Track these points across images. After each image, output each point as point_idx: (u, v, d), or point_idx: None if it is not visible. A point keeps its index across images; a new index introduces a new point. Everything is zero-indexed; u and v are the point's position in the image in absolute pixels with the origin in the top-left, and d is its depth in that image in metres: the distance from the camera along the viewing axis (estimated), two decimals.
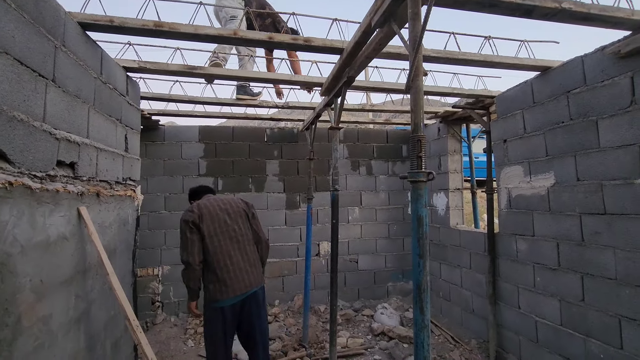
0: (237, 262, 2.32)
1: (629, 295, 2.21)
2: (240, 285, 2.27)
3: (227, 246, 2.32)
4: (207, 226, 2.29)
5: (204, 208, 2.35)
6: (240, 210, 2.47)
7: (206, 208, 2.35)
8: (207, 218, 2.31)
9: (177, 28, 2.14)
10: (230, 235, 2.35)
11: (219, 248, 2.29)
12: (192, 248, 2.23)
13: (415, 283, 1.35)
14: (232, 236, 2.36)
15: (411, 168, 1.38)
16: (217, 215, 2.36)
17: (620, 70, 2.25)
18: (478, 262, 3.72)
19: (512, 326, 3.20)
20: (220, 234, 2.32)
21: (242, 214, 2.47)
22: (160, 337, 3.83)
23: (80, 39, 2.03)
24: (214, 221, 2.33)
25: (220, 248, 2.29)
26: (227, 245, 2.32)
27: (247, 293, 2.31)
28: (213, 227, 2.31)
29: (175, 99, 3.53)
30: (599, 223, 2.41)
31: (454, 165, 4.46)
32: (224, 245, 2.31)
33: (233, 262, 2.30)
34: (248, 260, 2.38)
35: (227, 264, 2.28)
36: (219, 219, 2.35)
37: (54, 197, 1.69)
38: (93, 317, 2.11)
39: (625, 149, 2.24)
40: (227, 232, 2.35)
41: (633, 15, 1.99)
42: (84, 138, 2.02)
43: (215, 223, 2.33)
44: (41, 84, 1.63)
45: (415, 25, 1.41)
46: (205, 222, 2.29)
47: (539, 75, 2.90)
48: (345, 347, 3.62)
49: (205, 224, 2.29)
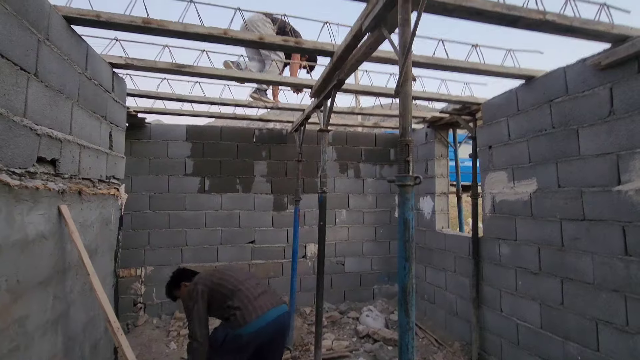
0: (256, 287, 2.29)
1: (606, 299, 2.28)
2: (267, 303, 2.20)
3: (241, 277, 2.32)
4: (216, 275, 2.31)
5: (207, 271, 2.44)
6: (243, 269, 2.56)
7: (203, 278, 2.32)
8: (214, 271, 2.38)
9: (166, 25, 2.11)
10: (240, 273, 2.39)
11: (235, 280, 2.27)
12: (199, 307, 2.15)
13: (401, 285, 1.36)
14: (243, 274, 2.38)
15: (399, 172, 1.40)
16: (223, 269, 2.42)
17: (600, 82, 2.33)
18: (462, 265, 3.78)
19: (495, 329, 3.25)
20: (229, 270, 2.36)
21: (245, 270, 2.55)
22: (142, 340, 3.75)
23: (65, 33, 1.98)
24: (220, 270, 2.39)
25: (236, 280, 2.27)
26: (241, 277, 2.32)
27: (279, 309, 2.23)
28: (222, 272, 2.35)
29: (162, 97, 3.48)
30: (578, 229, 2.48)
31: (441, 170, 4.52)
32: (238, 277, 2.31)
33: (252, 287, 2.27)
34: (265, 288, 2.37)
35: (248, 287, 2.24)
36: (225, 268, 2.42)
37: (34, 194, 1.64)
38: (72, 319, 2.05)
39: (603, 157, 2.31)
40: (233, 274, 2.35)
41: (613, 29, 2.07)
42: (66, 134, 1.97)
43: (222, 270, 2.39)
44: (22, 78, 1.58)
45: (405, 30, 1.43)
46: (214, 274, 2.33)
47: (523, 84, 2.98)
48: (330, 349, 3.61)
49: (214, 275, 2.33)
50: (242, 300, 2.15)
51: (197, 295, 2.17)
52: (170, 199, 4.41)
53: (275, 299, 2.30)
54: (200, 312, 2.15)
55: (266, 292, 2.30)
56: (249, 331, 2.07)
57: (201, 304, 2.16)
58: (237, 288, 2.22)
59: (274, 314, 2.19)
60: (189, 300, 2.19)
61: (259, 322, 2.10)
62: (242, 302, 2.15)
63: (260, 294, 2.25)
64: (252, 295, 2.20)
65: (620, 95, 2.21)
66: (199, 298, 2.17)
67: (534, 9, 1.89)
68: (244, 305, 2.13)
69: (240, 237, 4.62)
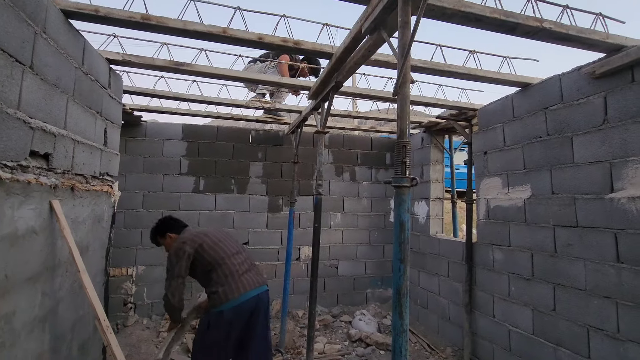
0: (240, 264, 2.31)
1: (597, 306, 2.30)
2: (251, 282, 2.25)
3: (229, 251, 2.33)
4: (207, 242, 2.31)
5: (194, 233, 2.38)
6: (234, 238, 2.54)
7: (194, 234, 2.36)
8: (204, 236, 2.35)
9: (165, 22, 2.10)
10: (227, 245, 2.37)
11: (222, 253, 2.29)
12: (181, 265, 2.20)
13: (395, 287, 1.36)
14: (229, 247, 2.38)
15: (395, 173, 1.39)
16: (215, 234, 2.41)
17: (595, 90, 2.36)
18: (456, 270, 3.78)
19: (487, 334, 3.26)
20: (218, 246, 2.33)
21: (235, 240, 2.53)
22: (131, 340, 3.70)
23: (62, 27, 1.96)
24: (212, 237, 2.37)
25: (224, 253, 2.30)
26: (226, 254, 2.31)
27: (260, 291, 2.28)
28: (213, 240, 2.34)
29: (159, 95, 3.46)
30: (571, 235, 2.50)
31: (436, 175, 4.54)
32: (227, 251, 2.32)
33: (237, 265, 2.29)
34: (251, 264, 2.40)
35: (231, 265, 2.25)
36: (217, 235, 2.40)
37: (25, 188, 1.61)
38: (60, 317, 2.01)
39: (597, 165, 2.34)
40: (224, 244, 2.37)
41: (608, 38, 2.10)
42: (60, 129, 1.94)
43: (213, 237, 2.37)
44: (18, 70, 1.56)
45: (404, 33, 1.44)
46: (204, 239, 2.32)
47: (519, 90, 3.01)
48: (322, 352, 3.59)
49: (204, 240, 2.31)
50: (226, 276, 2.21)
51: (182, 254, 2.22)
52: (164, 198, 4.37)
53: (258, 279, 2.34)
54: (182, 271, 2.21)
55: (250, 270, 2.33)
56: (230, 307, 2.14)
57: (184, 263, 2.21)
58: (224, 261, 2.25)
59: (254, 292, 2.25)
60: (173, 257, 2.24)
61: (239, 299, 2.16)
62: (226, 277, 2.20)
63: (245, 271, 2.29)
64: (237, 271, 2.24)
65: (614, 104, 2.24)
66: (184, 259, 2.21)
67: (531, 17, 1.92)
68: (227, 282, 2.18)
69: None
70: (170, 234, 2.46)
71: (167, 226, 2.51)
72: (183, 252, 2.23)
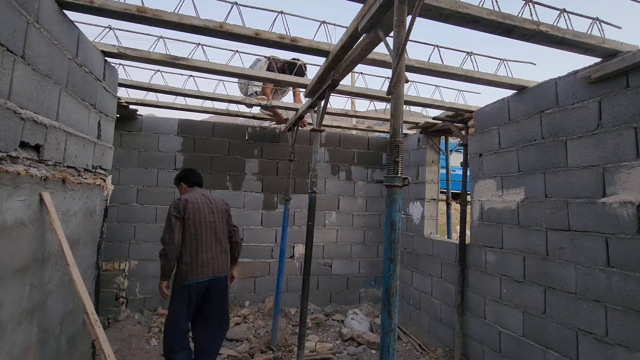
0: (210, 250, 2.65)
1: (587, 309, 2.31)
2: (209, 269, 2.62)
3: (204, 235, 2.65)
4: (191, 215, 2.61)
5: (191, 200, 2.68)
6: (221, 208, 2.84)
7: (193, 200, 2.68)
8: (192, 209, 2.63)
9: (161, 15, 2.08)
10: (209, 226, 2.69)
11: (197, 235, 2.62)
12: (174, 230, 2.54)
13: (385, 287, 1.36)
14: (211, 227, 2.70)
15: (387, 172, 1.39)
16: (201, 208, 2.69)
17: (590, 95, 2.37)
18: (449, 271, 3.79)
19: (477, 336, 3.27)
20: (200, 223, 2.64)
21: (222, 212, 2.84)
22: (122, 335, 3.68)
23: (56, 17, 1.94)
24: (197, 212, 2.65)
25: (198, 235, 2.62)
26: (204, 233, 2.65)
27: (214, 277, 2.65)
28: (196, 217, 2.64)
29: (155, 89, 3.43)
30: (563, 239, 2.51)
31: (432, 176, 4.55)
32: (202, 233, 2.64)
33: (207, 249, 2.64)
34: (220, 250, 2.73)
35: (202, 249, 2.61)
36: (202, 211, 2.69)
37: (14, 179, 1.60)
38: (49, 310, 2.00)
39: (590, 170, 2.35)
40: (207, 224, 2.68)
41: (604, 43, 2.10)
42: (52, 120, 1.92)
43: (198, 214, 2.65)
44: (8, 59, 1.54)
45: (399, 32, 1.44)
46: (189, 212, 2.61)
47: (515, 93, 3.02)
48: (313, 351, 3.59)
49: (189, 213, 2.61)
50: (194, 257, 2.57)
51: (179, 214, 2.58)
52: (159, 193, 4.35)
53: (219, 268, 2.69)
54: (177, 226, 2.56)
55: (216, 258, 2.67)
56: (188, 284, 2.56)
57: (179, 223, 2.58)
58: (197, 243, 2.60)
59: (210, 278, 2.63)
60: (173, 210, 2.59)
61: (195, 281, 2.57)
62: (194, 258, 2.57)
63: (212, 258, 2.64)
64: (204, 258, 2.60)
65: (609, 109, 2.25)
66: (178, 218, 2.57)
67: (528, 19, 1.92)
68: (192, 262, 2.56)
69: None
70: (183, 185, 2.88)
71: (186, 177, 2.90)
72: (180, 211, 2.59)
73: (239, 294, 4.57)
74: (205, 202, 2.73)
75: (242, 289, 4.57)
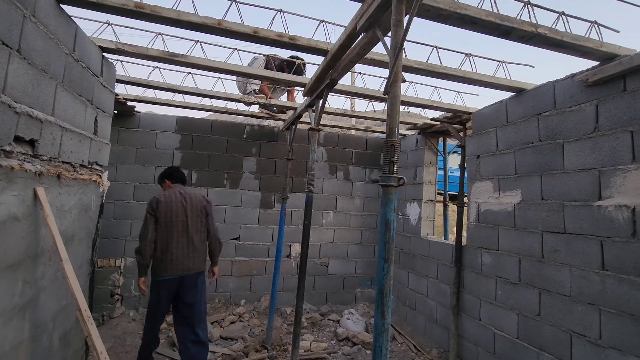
0: (181, 248, 2.76)
1: (581, 312, 2.32)
2: (178, 268, 2.74)
3: (174, 233, 2.75)
4: (162, 214, 2.73)
5: (165, 199, 2.78)
6: (198, 206, 2.90)
7: (167, 199, 2.79)
8: (164, 207, 2.75)
9: (159, 12, 2.07)
10: (180, 225, 2.78)
11: (168, 233, 2.73)
12: (148, 227, 2.70)
13: (379, 287, 1.35)
14: (183, 226, 2.79)
15: (383, 172, 1.39)
16: (174, 207, 2.79)
17: (587, 98, 2.38)
18: (445, 273, 3.80)
19: (472, 337, 3.27)
20: (171, 222, 2.75)
21: (199, 209, 2.89)
22: (117, 332, 3.67)
23: (53, 11, 1.93)
24: (168, 211, 2.76)
25: (169, 233, 2.73)
26: (175, 232, 2.75)
27: (183, 275, 2.76)
28: (167, 216, 2.75)
29: (153, 85, 3.42)
30: (558, 241, 2.52)
31: (429, 177, 4.55)
32: (173, 231, 2.75)
33: (177, 247, 2.75)
34: (193, 248, 2.81)
35: (172, 247, 2.73)
36: (175, 209, 2.78)
37: (8, 174, 1.58)
38: (41, 306, 1.98)
39: (586, 172, 2.36)
40: (179, 222, 2.78)
41: (601, 46, 2.11)
42: (48, 115, 1.91)
43: (169, 212, 2.76)
44: (4, 53, 1.53)
45: (397, 32, 1.43)
46: (161, 211, 2.73)
47: (513, 96, 3.02)
48: (308, 350, 3.59)
49: (160, 212, 2.73)
50: (164, 254, 2.71)
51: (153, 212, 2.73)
52: (156, 190, 4.32)
53: (189, 266, 2.78)
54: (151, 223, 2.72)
55: (187, 257, 2.77)
56: (162, 279, 2.71)
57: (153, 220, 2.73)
58: (169, 241, 2.73)
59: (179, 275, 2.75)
60: (148, 208, 2.75)
61: (167, 277, 2.71)
62: (164, 255, 2.71)
63: (181, 256, 2.75)
64: (173, 256, 2.72)
65: (606, 113, 2.25)
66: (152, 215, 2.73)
67: (526, 21, 1.92)
68: (164, 259, 2.71)
69: (225, 233, 4.56)
70: (167, 182, 3.00)
71: (168, 175, 3.03)
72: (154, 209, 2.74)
73: (235, 292, 4.56)
74: (180, 201, 2.82)
75: (238, 287, 4.56)
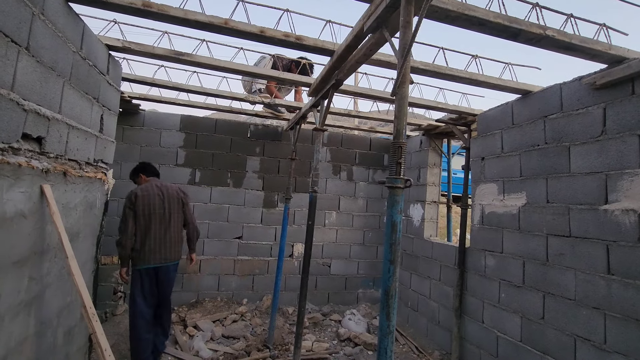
0: (158, 239, 2.94)
1: (586, 316, 2.30)
2: (156, 258, 2.93)
3: (152, 225, 2.92)
4: (140, 207, 2.90)
5: (142, 193, 2.94)
6: (174, 197, 3.08)
7: (145, 192, 2.95)
8: (141, 201, 2.91)
9: (166, 10, 2.08)
10: (158, 216, 2.96)
11: (146, 226, 2.91)
12: (127, 220, 2.86)
13: (384, 288, 1.35)
14: (160, 218, 2.97)
15: (389, 174, 1.39)
16: (151, 200, 2.95)
17: (595, 101, 2.36)
18: (448, 274, 3.79)
19: (475, 340, 3.26)
20: (148, 214, 2.92)
21: (175, 200, 3.08)
22: (120, 329, 3.68)
23: (61, 10, 1.94)
24: (146, 204, 2.92)
25: (146, 226, 2.91)
26: (152, 224, 2.92)
27: (161, 265, 2.95)
28: (145, 209, 2.92)
29: (158, 84, 3.43)
30: (563, 245, 2.50)
31: (433, 178, 4.54)
32: (150, 223, 2.92)
33: (154, 238, 2.93)
34: (169, 239, 3.00)
35: (149, 238, 2.91)
36: (152, 202, 2.95)
37: (15, 171, 1.59)
38: (46, 303, 2.00)
39: (593, 176, 2.34)
40: (156, 214, 2.95)
41: (610, 49, 2.09)
42: (55, 113, 1.92)
43: (147, 206, 2.92)
44: (13, 51, 1.54)
45: (405, 33, 1.43)
46: (138, 204, 2.90)
47: (519, 98, 3.00)
48: (310, 350, 3.59)
49: (138, 205, 2.90)
50: (143, 246, 2.89)
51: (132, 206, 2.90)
52: None
53: (167, 256, 2.97)
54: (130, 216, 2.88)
55: (164, 248, 2.95)
56: (139, 268, 2.92)
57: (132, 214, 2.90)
58: (147, 233, 2.90)
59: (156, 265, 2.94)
60: (126, 201, 2.92)
61: (145, 266, 2.91)
62: (142, 246, 2.89)
63: (159, 247, 2.93)
64: (151, 247, 2.90)
65: (613, 116, 2.24)
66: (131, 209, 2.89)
67: (535, 24, 1.91)
68: (142, 250, 2.88)
69: (228, 231, 4.58)
70: (142, 176, 3.16)
71: (142, 170, 3.19)
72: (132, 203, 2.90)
73: (237, 291, 4.57)
74: (157, 194, 2.99)
75: (240, 286, 4.57)
